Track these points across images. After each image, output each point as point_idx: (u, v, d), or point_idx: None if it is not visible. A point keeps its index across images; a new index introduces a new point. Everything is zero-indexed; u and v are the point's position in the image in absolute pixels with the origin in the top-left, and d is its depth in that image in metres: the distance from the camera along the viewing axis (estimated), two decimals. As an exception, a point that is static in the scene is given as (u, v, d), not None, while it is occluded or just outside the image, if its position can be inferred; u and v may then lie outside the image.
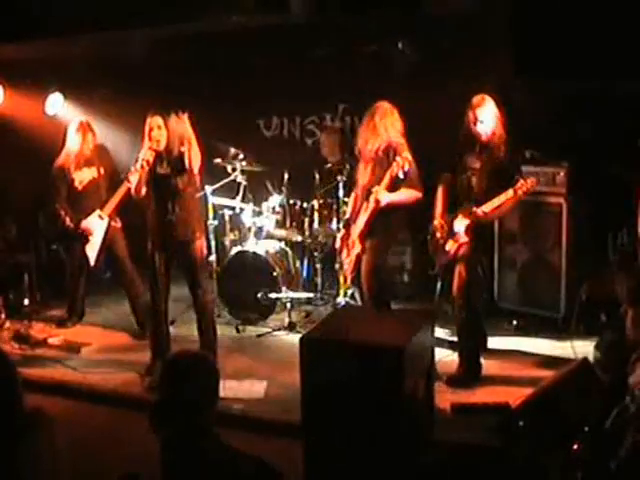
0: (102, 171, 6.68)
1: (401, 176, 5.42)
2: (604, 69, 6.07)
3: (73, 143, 6.64)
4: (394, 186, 5.52)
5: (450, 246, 5.39)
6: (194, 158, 5.50)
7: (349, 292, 6.72)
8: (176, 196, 5.56)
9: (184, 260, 5.68)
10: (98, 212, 6.51)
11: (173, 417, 2.57)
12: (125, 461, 4.32)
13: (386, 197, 5.49)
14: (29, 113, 7.72)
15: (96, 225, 6.52)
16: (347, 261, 5.85)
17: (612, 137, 6.19)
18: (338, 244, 6.01)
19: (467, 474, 3.90)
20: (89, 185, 6.63)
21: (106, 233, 6.52)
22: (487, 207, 5.23)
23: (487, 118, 5.26)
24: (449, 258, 5.43)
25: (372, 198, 5.50)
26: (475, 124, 5.26)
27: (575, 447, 3.60)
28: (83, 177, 6.62)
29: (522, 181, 5.16)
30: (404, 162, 5.38)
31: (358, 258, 5.74)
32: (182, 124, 5.49)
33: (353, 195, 5.97)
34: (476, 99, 5.31)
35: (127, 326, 6.77)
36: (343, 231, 5.99)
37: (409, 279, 7.45)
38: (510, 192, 5.14)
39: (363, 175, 5.72)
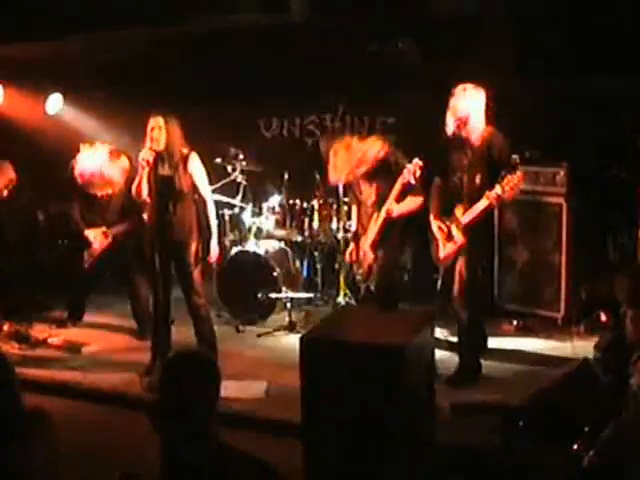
0: (118, 189, 6.52)
1: (413, 182, 5.44)
2: (604, 69, 6.08)
3: (97, 169, 6.44)
4: (404, 193, 5.57)
5: (449, 248, 5.39)
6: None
7: (348, 292, 6.72)
8: (176, 197, 5.56)
9: (179, 261, 5.69)
10: (104, 229, 6.50)
11: (173, 417, 2.57)
12: (125, 461, 4.32)
13: (397, 209, 5.58)
14: (29, 113, 7.71)
15: (98, 239, 6.52)
16: (360, 272, 5.90)
17: (612, 137, 6.20)
18: (348, 258, 6.06)
19: (467, 474, 3.90)
20: (103, 196, 6.57)
21: (105, 248, 6.54)
22: (472, 212, 5.21)
23: (468, 107, 5.19)
24: (449, 260, 5.43)
25: (383, 209, 5.59)
26: (459, 120, 5.21)
27: (575, 447, 3.60)
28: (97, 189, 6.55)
29: (508, 177, 5.08)
30: (415, 168, 5.40)
31: (370, 267, 5.80)
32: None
33: (355, 209, 6.04)
34: (457, 89, 5.24)
35: (127, 326, 6.77)
36: (352, 245, 6.04)
37: (409, 279, 7.45)
38: (497, 189, 5.08)
39: (368, 192, 5.78)
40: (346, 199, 6.61)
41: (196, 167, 5.66)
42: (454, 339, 5.71)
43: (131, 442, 4.61)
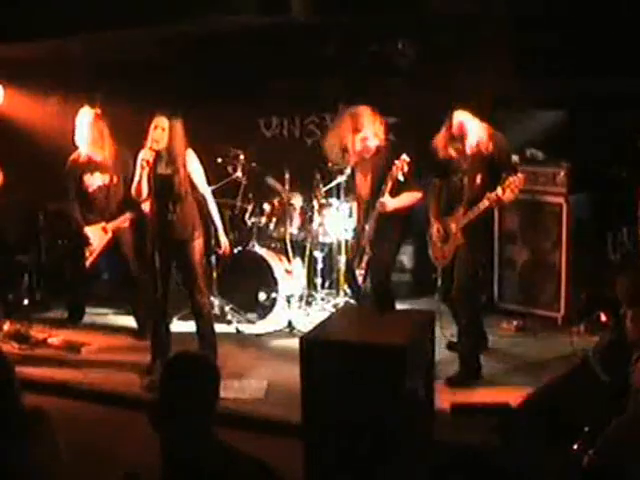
0: (115, 179, 6.44)
1: (401, 179, 5.44)
2: (604, 69, 6.08)
3: (83, 142, 6.38)
4: (396, 189, 5.55)
5: (448, 248, 5.39)
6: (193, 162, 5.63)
7: (349, 292, 6.72)
8: (176, 196, 5.56)
9: (181, 260, 5.69)
10: (103, 224, 6.47)
11: (173, 417, 2.57)
12: (125, 461, 4.33)
13: (391, 203, 5.56)
14: (29, 113, 7.71)
15: (98, 236, 6.49)
16: (360, 271, 5.90)
17: (612, 137, 6.19)
18: (350, 254, 6.07)
19: (467, 474, 3.90)
20: (98, 190, 6.49)
21: (106, 245, 6.52)
22: (472, 213, 5.22)
23: (470, 132, 5.22)
24: (448, 260, 5.43)
25: (378, 204, 5.56)
26: (458, 138, 5.24)
27: (575, 447, 3.60)
28: (93, 182, 6.47)
29: (510, 179, 5.09)
30: (403, 164, 5.40)
31: (368, 264, 5.80)
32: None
33: (355, 205, 6.06)
34: (454, 129, 5.26)
35: (127, 326, 6.77)
36: (352, 242, 6.03)
37: (409, 279, 7.45)
38: (499, 191, 5.08)
39: (363, 187, 5.79)
40: (347, 199, 6.61)
41: (193, 165, 5.67)
42: (454, 339, 5.71)
43: (131, 442, 4.61)
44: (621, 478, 3.28)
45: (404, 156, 5.44)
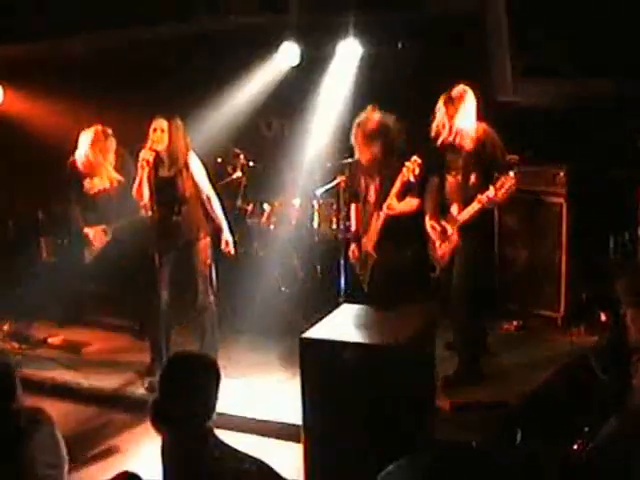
0: (115, 182, 6.44)
1: (412, 180, 5.41)
2: (604, 69, 6.08)
3: (85, 153, 6.39)
4: (404, 191, 5.55)
5: (445, 247, 5.39)
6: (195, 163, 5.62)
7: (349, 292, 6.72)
8: (180, 198, 5.56)
9: (186, 260, 5.68)
10: (104, 227, 6.47)
11: (173, 418, 2.57)
12: (125, 461, 4.33)
13: (398, 207, 5.56)
14: (29, 113, 7.70)
15: (98, 237, 6.48)
16: (362, 272, 5.89)
17: (612, 137, 6.19)
18: (351, 256, 6.02)
19: (468, 474, 3.90)
20: (99, 193, 6.48)
21: (106, 246, 6.51)
22: (466, 213, 5.21)
23: (463, 111, 5.17)
24: (446, 259, 5.43)
25: (385, 205, 5.54)
26: (451, 118, 5.20)
27: (575, 447, 3.60)
28: (93, 184, 6.46)
29: (502, 179, 5.04)
30: (414, 166, 5.38)
31: (373, 267, 5.79)
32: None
33: (354, 207, 6.00)
34: (453, 92, 5.22)
35: (127, 326, 6.76)
36: (353, 245, 6.01)
37: (409, 279, 7.44)
38: (490, 191, 5.06)
39: (371, 189, 5.75)
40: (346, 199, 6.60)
41: (196, 166, 5.67)
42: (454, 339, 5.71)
43: (131, 442, 4.62)
44: (620, 474, 3.29)
45: (415, 157, 5.42)
